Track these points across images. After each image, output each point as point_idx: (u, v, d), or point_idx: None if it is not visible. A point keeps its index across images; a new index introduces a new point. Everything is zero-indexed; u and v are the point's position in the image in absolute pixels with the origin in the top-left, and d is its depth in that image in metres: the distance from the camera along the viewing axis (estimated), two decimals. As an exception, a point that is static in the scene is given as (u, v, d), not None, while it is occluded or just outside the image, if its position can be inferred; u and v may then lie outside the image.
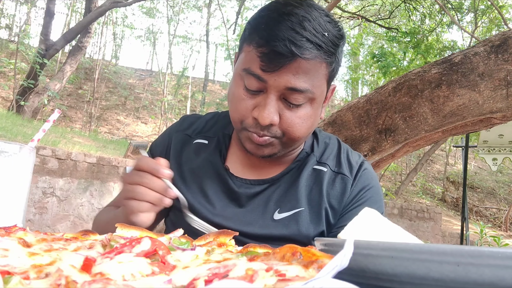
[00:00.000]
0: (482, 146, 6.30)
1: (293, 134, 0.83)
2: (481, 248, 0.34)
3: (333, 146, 0.99)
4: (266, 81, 0.78)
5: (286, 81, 0.77)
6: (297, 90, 0.78)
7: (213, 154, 0.96)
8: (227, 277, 0.31)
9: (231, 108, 0.86)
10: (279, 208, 0.90)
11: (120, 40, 18.79)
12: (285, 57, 0.75)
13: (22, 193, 0.70)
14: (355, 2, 12.10)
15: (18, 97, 9.08)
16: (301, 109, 0.81)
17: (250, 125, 0.82)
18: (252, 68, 0.79)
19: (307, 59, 0.76)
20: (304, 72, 0.77)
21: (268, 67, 0.76)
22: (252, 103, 0.81)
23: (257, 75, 0.78)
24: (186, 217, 0.84)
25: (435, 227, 8.09)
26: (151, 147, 1.05)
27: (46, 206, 4.54)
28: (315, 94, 0.81)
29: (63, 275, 0.31)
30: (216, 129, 1.02)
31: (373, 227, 0.53)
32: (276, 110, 0.79)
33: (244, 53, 0.83)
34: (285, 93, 0.79)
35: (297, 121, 0.82)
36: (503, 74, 1.89)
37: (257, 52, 0.78)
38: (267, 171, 0.94)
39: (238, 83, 0.84)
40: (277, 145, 0.85)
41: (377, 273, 0.39)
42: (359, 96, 2.58)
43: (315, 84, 0.80)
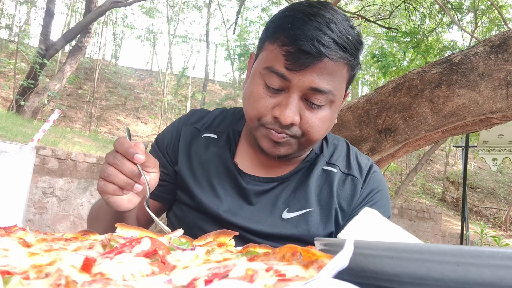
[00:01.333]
0: (482, 146, 6.30)
1: (312, 136, 0.83)
2: (481, 248, 0.34)
3: (342, 147, 1.00)
4: (290, 80, 0.77)
5: (311, 81, 0.77)
6: (320, 91, 0.78)
7: (223, 149, 0.96)
8: (227, 277, 0.31)
9: (248, 107, 0.84)
10: (288, 207, 0.89)
11: (120, 40, 18.80)
12: (312, 56, 0.75)
13: (22, 193, 0.70)
14: (355, 2, 12.10)
15: (18, 97, 9.08)
16: (321, 110, 0.81)
17: (268, 122, 0.81)
18: (275, 67, 0.78)
19: (333, 60, 0.77)
20: (329, 73, 0.78)
21: (294, 66, 0.76)
22: (273, 102, 0.80)
23: (281, 74, 0.78)
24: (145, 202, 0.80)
25: (435, 227, 8.09)
26: (157, 139, 1.04)
27: (46, 206, 4.54)
28: (336, 96, 0.81)
29: (63, 275, 0.31)
30: (225, 125, 1.01)
31: (373, 227, 0.53)
32: (297, 110, 0.79)
33: (266, 51, 0.82)
34: (307, 94, 0.79)
35: (317, 122, 0.81)
36: (503, 74, 1.89)
37: (282, 51, 0.77)
38: (276, 170, 0.94)
39: (257, 81, 0.83)
40: (294, 145, 0.84)
41: (377, 273, 0.39)
42: (359, 96, 2.58)
43: (337, 87, 0.81)
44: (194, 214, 0.93)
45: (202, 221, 0.91)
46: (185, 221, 0.94)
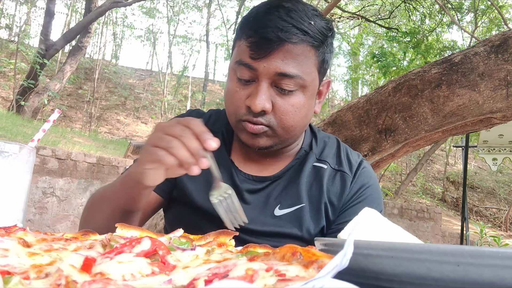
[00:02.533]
0: (482, 146, 6.29)
1: (287, 123, 0.83)
2: (481, 248, 0.34)
3: (332, 144, 1.01)
4: (257, 69, 0.80)
5: (276, 67, 0.79)
6: (287, 75, 0.80)
7: (219, 148, 0.95)
8: (227, 277, 0.31)
9: (227, 103, 0.88)
10: (279, 204, 0.90)
11: (120, 40, 18.80)
12: (273, 42, 0.78)
13: (22, 193, 0.70)
14: (355, 2, 12.11)
15: (18, 97, 9.08)
16: (293, 96, 0.83)
17: (243, 114, 0.83)
18: (243, 59, 0.82)
19: (294, 44, 0.79)
20: (293, 57, 0.80)
21: (258, 54, 0.79)
22: (245, 93, 0.83)
23: (247, 64, 0.81)
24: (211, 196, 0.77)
25: (435, 227, 8.09)
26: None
27: (46, 206, 4.54)
28: (306, 81, 0.83)
29: (63, 275, 0.31)
30: (220, 124, 1.02)
31: (373, 227, 0.53)
32: (268, 97, 0.81)
33: (236, 48, 0.86)
34: (275, 80, 0.81)
35: (290, 109, 0.82)
36: (503, 74, 1.89)
37: (247, 43, 0.81)
38: (268, 168, 0.95)
39: (231, 77, 0.86)
40: (272, 136, 0.85)
41: (377, 273, 0.39)
42: (359, 96, 2.58)
43: (305, 71, 0.82)
44: (191, 213, 0.93)
45: (199, 219, 0.91)
46: (183, 221, 0.93)
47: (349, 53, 16.83)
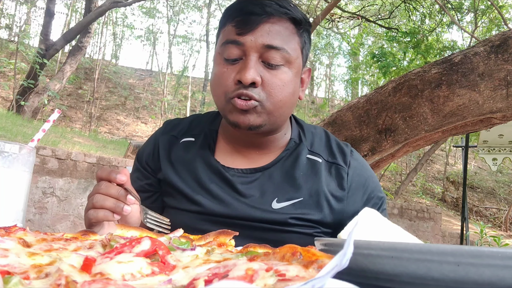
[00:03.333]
0: (482, 146, 6.29)
1: (276, 97, 0.85)
2: (481, 248, 0.34)
3: (321, 136, 1.02)
4: (244, 44, 0.84)
5: (262, 40, 0.83)
6: (274, 47, 0.84)
7: (202, 149, 0.98)
8: (227, 277, 0.31)
9: (215, 87, 0.89)
10: (277, 197, 0.90)
11: (120, 40, 18.79)
12: (259, 15, 0.84)
13: (22, 193, 0.70)
14: (355, 2, 12.10)
15: (18, 97, 9.08)
16: (280, 71, 0.86)
17: (233, 90, 0.84)
18: (229, 37, 0.86)
19: (279, 18, 0.85)
20: (277, 31, 0.85)
21: (244, 29, 0.84)
22: (234, 71, 0.85)
23: (235, 40, 0.84)
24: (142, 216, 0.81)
25: (435, 227, 8.09)
26: (138, 156, 1.06)
27: (46, 206, 4.54)
28: (292, 56, 0.86)
29: (63, 275, 0.31)
30: (202, 127, 1.03)
31: (373, 227, 0.53)
32: (257, 70, 0.83)
33: (221, 34, 0.90)
34: (263, 53, 0.84)
35: (278, 82, 0.85)
36: (503, 74, 1.89)
37: (233, 23, 0.86)
38: (258, 160, 0.95)
39: (217, 62, 0.89)
40: (261, 112, 0.86)
41: (377, 273, 0.39)
42: (359, 96, 2.58)
43: (289, 46, 0.86)
44: (184, 215, 0.93)
45: (193, 219, 0.92)
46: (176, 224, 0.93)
47: (349, 53, 16.82)
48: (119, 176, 0.74)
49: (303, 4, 8.73)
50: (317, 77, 20.44)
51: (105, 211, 0.73)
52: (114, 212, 0.74)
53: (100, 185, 0.75)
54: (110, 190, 0.74)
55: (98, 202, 0.73)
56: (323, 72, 20.79)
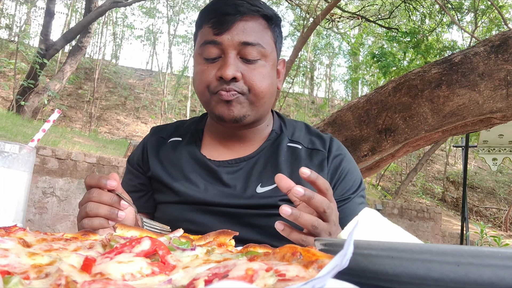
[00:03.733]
0: (482, 146, 6.29)
1: (257, 88, 0.91)
2: (481, 248, 0.34)
3: (301, 127, 1.07)
4: (222, 43, 0.90)
5: (239, 37, 0.89)
6: (250, 44, 0.90)
7: (189, 145, 1.03)
8: (227, 277, 0.31)
9: (197, 84, 0.94)
10: (260, 183, 0.94)
11: (120, 40, 18.79)
12: (233, 15, 0.89)
13: (22, 193, 0.70)
14: (355, 2, 12.10)
15: (18, 97, 9.08)
16: (258, 65, 0.92)
17: (216, 86, 0.90)
18: (207, 38, 0.91)
19: (251, 16, 0.92)
20: (252, 29, 0.91)
21: (220, 29, 0.90)
22: (214, 69, 0.91)
23: (213, 41, 0.90)
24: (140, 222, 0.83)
25: (435, 227, 8.09)
26: (129, 159, 1.11)
27: (46, 206, 4.55)
28: (267, 50, 0.93)
29: (63, 275, 0.31)
30: (187, 127, 1.10)
31: (373, 227, 0.53)
32: (236, 66, 0.89)
33: (199, 36, 0.96)
34: (240, 50, 0.90)
35: (257, 75, 0.91)
36: (503, 74, 1.89)
37: (209, 24, 0.92)
38: (241, 152, 1.00)
39: (198, 61, 0.94)
40: (245, 104, 0.92)
41: (377, 273, 0.39)
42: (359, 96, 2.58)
43: (264, 41, 0.93)
44: (174, 208, 0.97)
45: (183, 211, 0.95)
46: (167, 218, 0.98)
47: (349, 53, 16.83)
48: (109, 182, 0.73)
49: (303, 4, 8.73)
50: (317, 77, 20.45)
51: (100, 219, 0.72)
52: (109, 219, 0.73)
53: (91, 192, 0.73)
54: (102, 197, 0.73)
55: (91, 211, 0.72)
56: (323, 72, 20.80)
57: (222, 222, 0.92)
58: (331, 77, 20.41)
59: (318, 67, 20.29)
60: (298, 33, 12.98)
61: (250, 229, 0.91)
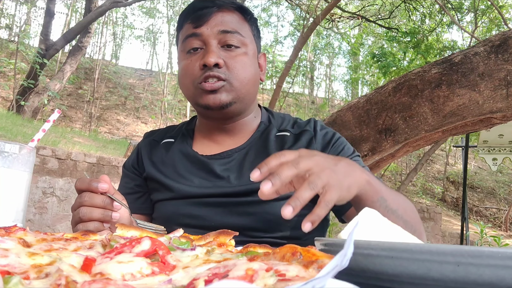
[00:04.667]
0: (482, 146, 6.29)
1: (240, 75, 0.94)
2: (481, 248, 0.34)
3: (289, 119, 1.10)
4: (202, 34, 0.94)
5: (217, 27, 0.94)
6: (229, 31, 0.94)
7: (181, 144, 1.06)
8: (227, 277, 0.31)
9: (182, 80, 0.97)
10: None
11: (120, 40, 18.79)
12: (210, 8, 0.95)
13: (22, 193, 0.70)
14: (355, 2, 12.10)
15: (18, 97, 9.08)
16: (238, 52, 0.95)
17: (200, 75, 0.92)
18: (188, 32, 0.96)
19: (228, 9, 0.96)
20: (229, 20, 0.96)
21: (199, 22, 0.94)
22: (197, 59, 0.94)
23: (193, 33, 0.94)
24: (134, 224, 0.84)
25: (435, 227, 8.09)
26: (124, 164, 1.13)
27: (46, 206, 4.55)
28: (246, 39, 0.97)
29: (63, 275, 0.31)
30: (178, 130, 1.13)
31: (373, 227, 0.53)
32: (218, 53, 0.92)
33: (181, 34, 0.99)
34: (220, 38, 0.94)
35: (239, 62, 0.95)
36: (503, 74, 1.89)
37: (188, 20, 0.96)
38: (232, 145, 1.03)
39: (182, 57, 0.98)
40: (230, 91, 0.94)
41: (377, 273, 0.39)
42: (359, 96, 2.58)
43: (243, 32, 0.97)
44: (169, 204, 0.99)
45: (179, 206, 0.96)
46: (164, 216, 1.00)
47: (349, 53, 16.83)
48: (100, 185, 0.72)
49: (303, 4, 8.73)
50: (317, 77, 20.45)
51: (94, 222, 0.72)
52: (103, 222, 0.73)
53: (83, 197, 0.73)
54: (94, 200, 0.72)
55: (85, 216, 0.71)
56: (323, 72, 20.80)
57: (219, 213, 0.93)
58: (331, 77, 20.42)
59: (318, 67, 20.30)
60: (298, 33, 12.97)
61: (247, 217, 0.91)
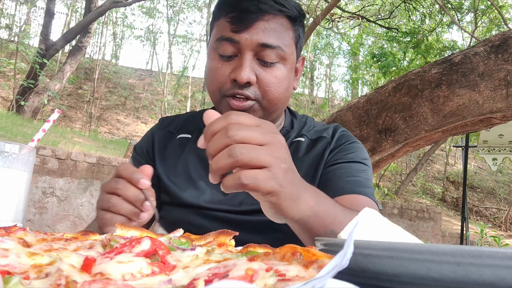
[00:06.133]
0: (482, 146, 6.29)
1: (271, 95, 0.85)
2: (481, 248, 0.34)
3: (311, 122, 1.04)
4: (239, 42, 0.83)
5: (258, 38, 0.83)
6: (269, 46, 0.83)
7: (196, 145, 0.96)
8: (227, 277, 0.31)
9: (209, 82, 0.89)
10: None
11: (120, 40, 18.79)
12: (254, 13, 0.82)
13: (22, 193, 0.70)
14: (355, 2, 12.10)
15: (18, 97, 9.09)
16: (275, 69, 0.86)
17: (228, 89, 0.84)
18: (224, 34, 0.84)
19: (274, 15, 0.84)
20: (273, 29, 0.84)
21: (239, 27, 0.83)
22: (229, 68, 0.85)
23: (229, 38, 0.83)
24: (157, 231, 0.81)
25: (435, 227, 8.09)
26: (135, 149, 1.07)
27: (46, 206, 4.55)
28: (286, 53, 0.86)
29: (63, 275, 0.31)
30: (196, 123, 1.04)
31: (373, 227, 0.53)
32: (252, 69, 0.83)
33: (216, 28, 0.89)
34: (258, 52, 0.84)
35: (273, 80, 0.85)
36: (503, 74, 1.89)
37: (227, 18, 0.84)
38: None
39: (212, 56, 0.88)
40: (258, 111, 0.86)
41: (377, 273, 0.39)
42: (359, 96, 2.59)
43: (284, 43, 0.86)
44: (178, 211, 0.94)
45: (187, 214, 0.92)
46: (171, 220, 0.94)
47: (349, 53, 16.83)
48: (142, 181, 0.68)
49: (303, 4, 8.73)
50: (317, 77, 20.45)
51: (122, 217, 0.68)
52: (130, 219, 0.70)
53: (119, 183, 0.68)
54: (128, 192, 0.68)
55: (114, 206, 0.67)
56: (323, 72, 20.80)
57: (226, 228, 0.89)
58: (331, 77, 20.41)
59: (318, 67, 20.30)
60: (298, 33, 12.94)
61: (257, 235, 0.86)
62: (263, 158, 0.53)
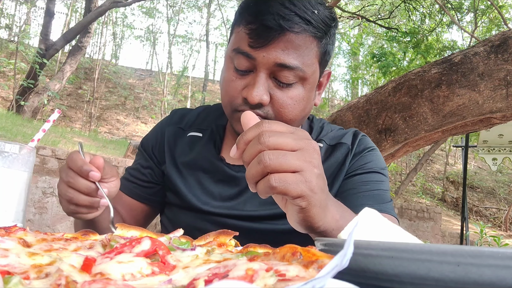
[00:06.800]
0: (482, 146, 6.29)
1: (285, 116, 0.80)
2: (481, 248, 0.34)
3: (328, 127, 1.00)
4: (255, 58, 0.76)
5: (275, 57, 0.75)
6: (287, 67, 0.76)
7: (207, 146, 0.94)
8: (227, 277, 0.31)
9: (222, 93, 0.84)
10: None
11: (120, 40, 18.79)
12: (274, 30, 0.74)
13: (22, 193, 0.70)
14: (355, 2, 12.10)
15: (18, 97, 9.08)
16: (292, 89, 0.79)
17: (239, 105, 0.80)
18: (241, 47, 0.78)
19: (296, 33, 0.75)
20: (294, 48, 0.76)
21: (257, 43, 0.75)
22: (242, 84, 0.79)
23: (246, 53, 0.77)
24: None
25: (435, 227, 8.09)
26: (142, 142, 1.03)
27: (46, 206, 4.54)
28: (306, 73, 0.79)
29: (63, 275, 0.31)
30: (209, 121, 1.00)
31: (373, 227, 0.53)
32: (265, 88, 0.77)
33: (234, 34, 0.82)
34: (274, 71, 0.77)
35: (288, 101, 0.79)
36: (503, 74, 1.89)
37: (246, 30, 0.77)
38: None
39: (228, 65, 0.82)
40: None
41: (377, 273, 0.39)
42: (359, 96, 2.58)
43: (305, 62, 0.78)
44: (186, 214, 0.91)
45: (195, 219, 0.89)
46: (178, 223, 0.92)
47: (349, 53, 16.82)
48: (92, 174, 0.68)
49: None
50: (317, 77, 20.41)
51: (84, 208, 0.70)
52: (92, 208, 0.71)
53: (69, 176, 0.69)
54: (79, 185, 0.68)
55: (72, 199, 0.69)
56: (323, 72, 20.75)
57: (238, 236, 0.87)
58: (331, 77, 20.39)
59: (318, 67, 20.24)
60: (298, 33, 12.93)
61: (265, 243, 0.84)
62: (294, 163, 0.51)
